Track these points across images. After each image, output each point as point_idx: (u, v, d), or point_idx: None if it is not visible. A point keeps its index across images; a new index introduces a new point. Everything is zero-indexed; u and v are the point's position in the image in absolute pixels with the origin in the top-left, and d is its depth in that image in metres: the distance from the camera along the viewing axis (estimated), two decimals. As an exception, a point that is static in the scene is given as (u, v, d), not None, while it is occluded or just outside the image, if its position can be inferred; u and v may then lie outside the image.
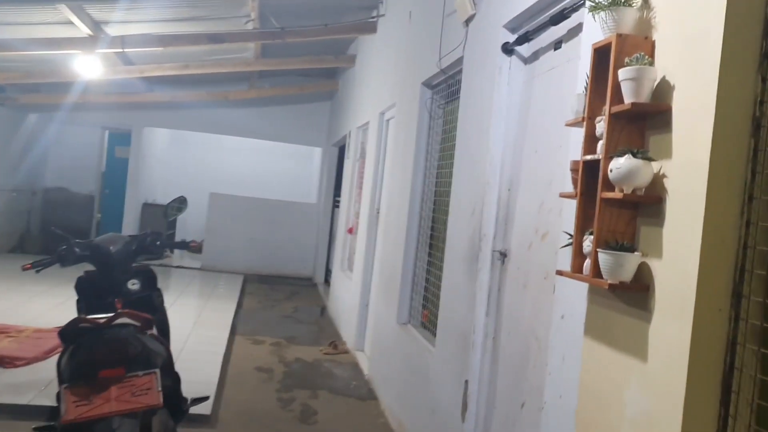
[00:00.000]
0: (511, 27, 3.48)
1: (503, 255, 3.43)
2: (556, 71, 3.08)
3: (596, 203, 2.13)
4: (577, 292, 2.42)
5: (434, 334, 4.57)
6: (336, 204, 11.63)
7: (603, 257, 2.05)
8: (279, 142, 13.50)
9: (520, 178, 3.36)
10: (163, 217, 4.01)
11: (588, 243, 2.18)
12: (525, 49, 3.45)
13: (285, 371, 6.16)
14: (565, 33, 3.01)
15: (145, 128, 12.66)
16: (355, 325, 7.16)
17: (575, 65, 2.82)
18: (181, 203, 3.87)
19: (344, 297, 8.13)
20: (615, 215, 2.12)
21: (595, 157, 2.18)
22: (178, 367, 3.47)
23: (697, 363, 1.82)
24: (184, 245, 3.99)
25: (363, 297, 7.09)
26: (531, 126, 3.30)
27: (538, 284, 2.99)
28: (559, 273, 2.36)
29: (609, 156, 2.09)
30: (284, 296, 10.48)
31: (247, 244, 12.53)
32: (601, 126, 2.18)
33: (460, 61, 4.26)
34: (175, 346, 4.11)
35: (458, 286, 3.88)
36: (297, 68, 10.06)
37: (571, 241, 2.32)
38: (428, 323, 4.95)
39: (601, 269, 2.06)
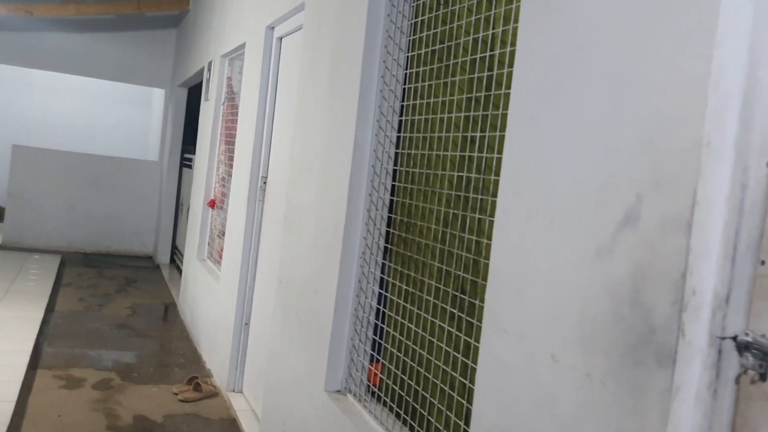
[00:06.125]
0: None
1: (766, 358, 1.19)
2: None
3: None
4: None
5: (407, 424, 2.29)
6: (185, 163, 8.97)
7: None
8: (108, 81, 10.49)
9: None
10: None
11: None
12: None
13: (117, 453, 3.67)
14: None
15: None
16: (227, 351, 4.74)
17: None
18: None
19: (206, 303, 5.63)
20: None
21: None
22: None
23: None
24: None
25: (240, 311, 4.67)
26: None
27: None
28: None
29: None
30: (117, 287, 7.75)
31: (65, 212, 9.59)
32: None
33: None
34: None
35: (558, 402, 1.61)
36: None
37: None
38: (383, 391, 2.66)
39: None
